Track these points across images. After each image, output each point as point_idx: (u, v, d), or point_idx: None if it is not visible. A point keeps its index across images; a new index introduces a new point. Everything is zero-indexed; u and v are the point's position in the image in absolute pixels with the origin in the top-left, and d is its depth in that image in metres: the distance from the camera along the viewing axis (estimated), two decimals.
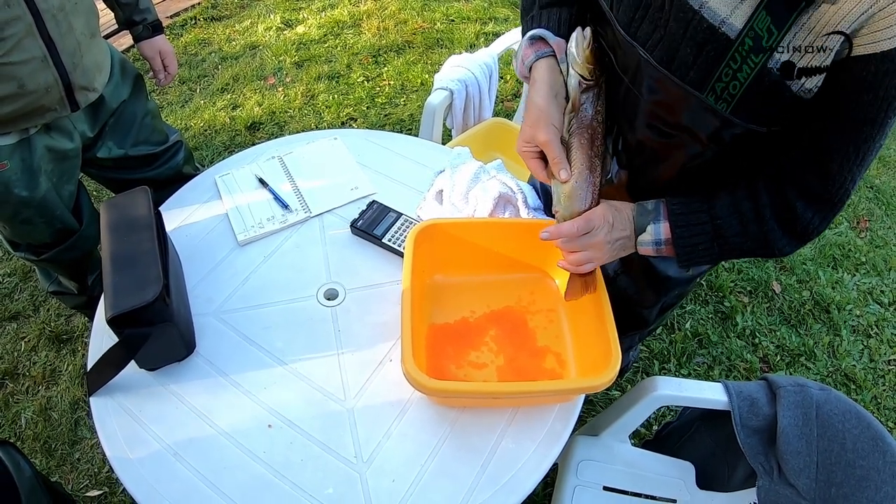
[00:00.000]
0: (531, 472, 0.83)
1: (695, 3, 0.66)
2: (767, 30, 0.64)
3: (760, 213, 0.75)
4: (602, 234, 0.80)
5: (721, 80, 0.69)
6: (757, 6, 0.63)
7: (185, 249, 1.07)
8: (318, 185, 1.20)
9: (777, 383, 1.00)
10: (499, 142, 1.87)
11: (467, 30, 3.07)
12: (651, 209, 0.81)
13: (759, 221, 0.76)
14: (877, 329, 1.92)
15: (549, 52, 0.81)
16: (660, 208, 0.80)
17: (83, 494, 1.50)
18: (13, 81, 1.01)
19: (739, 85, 0.68)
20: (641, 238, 0.81)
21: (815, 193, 0.72)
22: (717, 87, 0.69)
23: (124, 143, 1.32)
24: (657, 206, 0.81)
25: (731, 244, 0.78)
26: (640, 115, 0.81)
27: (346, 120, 2.59)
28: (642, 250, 0.83)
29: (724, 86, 0.69)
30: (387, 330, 0.98)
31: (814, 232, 0.76)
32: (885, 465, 0.90)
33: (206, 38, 3.05)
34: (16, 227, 1.23)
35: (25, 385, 1.71)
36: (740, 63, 0.66)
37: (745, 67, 0.66)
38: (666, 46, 0.71)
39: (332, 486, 0.81)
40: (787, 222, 0.75)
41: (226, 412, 0.87)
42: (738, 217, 0.77)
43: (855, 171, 0.69)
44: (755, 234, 0.76)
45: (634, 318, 1.20)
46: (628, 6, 0.73)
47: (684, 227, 0.78)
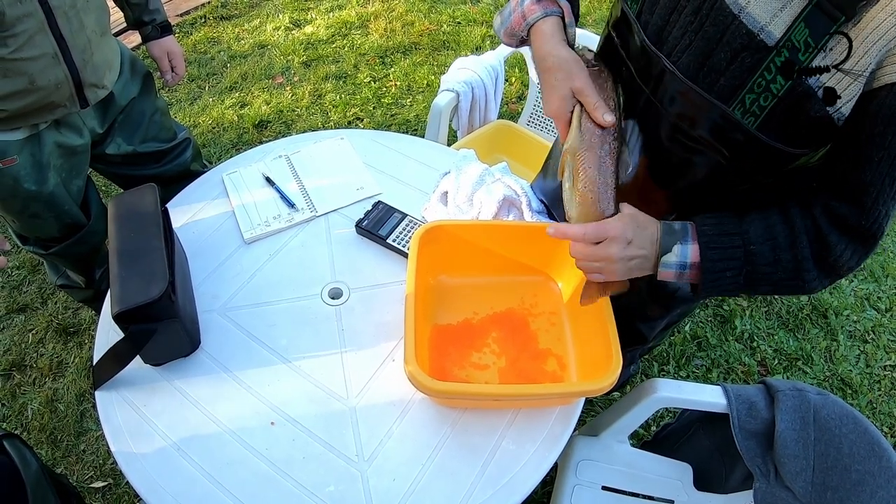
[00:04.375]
0: (531, 473, 0.84)
1: (734, 8, 0.64)
2: (805, 42, 0.62)
3: (796, 241, 0.70)
4: (615, 249, 0.74)
5: (752, 92, 0.67)
6: (797, 17, 0.61)
7: (191, 246, 1.08)
8: (324, 185, 1.21)
9: (775, 387, 1.01)
10: (504, 143, 1.88)
11: (474, 32, 3.08)
12: (678, 229, 0.75)
13: (793, 248, 0.71)
14: (873, 335, 1.92)
15: (558, 12, 0.77)
16: (688, 229, 0.75)
17: (88, 485, 1.51)
18: (24, 77, 1.03)
19: (771, 97, 0.66)
20: (665, 259, 0.74)
21: (849, 225, 0.68)
22: (746, 98, 0.67)
23: (133, 139, 1.34)
24: (685, 226, 0.75)
25: (759, 274, 0.72)
26: (661, 127, 0.78)
27: (352, 120, 2.60)
28: (663, 274, 0.76)
29: (755, 98, 0.67)
30: (390, 330, 0.99)
31: (844, 267, 0.71)
32: (881, 469, 0.91)
33: (215, 37, 3.07)
34: (25, 221, 1.24)
35: (32, 377, 1.73)
36: (774, 75, 0.64)
37: (780, 79, 0.64)
38: (696, 53, 0.69)
39: (334, 484, 0.82)
40: (819, 253, 0.70)
41: (229, 408, 0.89)
42: (772, 244, 0.71)
43: (890, 205, 0.66)
44: (787, 263, 0.71)
45: (633, 333, 1.17)
46: (661, 11, 0.71)
47: (715, 251, 0.72)
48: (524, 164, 1.85)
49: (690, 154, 0.78)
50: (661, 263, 0.75)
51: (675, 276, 0.75)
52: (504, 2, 3.36)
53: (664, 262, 0.75)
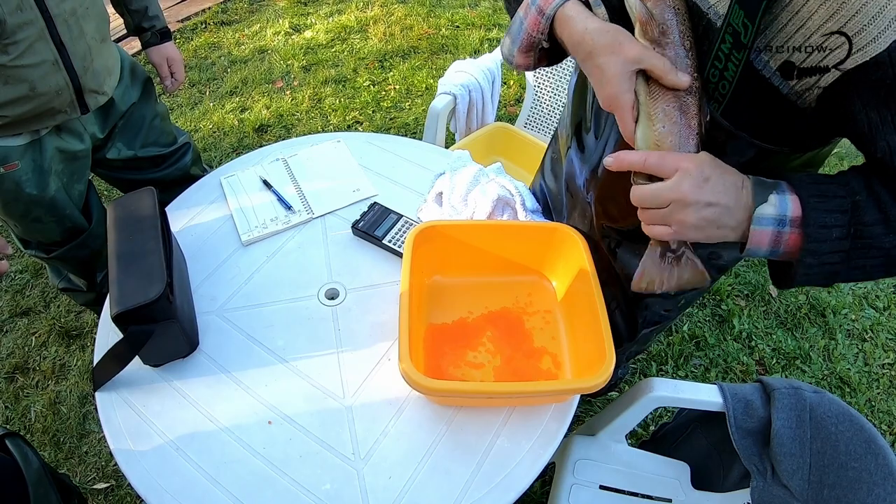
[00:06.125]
0: (526, 470, 0.84)
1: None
2: (743, 24, 0.58)
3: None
4: (688, 185, 0.60)
5: (710, 80, 0.64)
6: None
7: (190, 249, 1.10)
8: (320, 187, 1.22)
9: (771, 385, 1.01)
10: (501, 145, 1.89)
11: (472, 36, 3.10)
12: (770, 182, 0.62)
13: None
14: (871, 333, 1.92)
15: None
16: (781, 183, 0.62)
17: (90, 487, 1.53)
18: (25, 84, 1.04)
19: (728, 85, 0.62)
20: (760, 211, 0.60)
21: None
22: (708, 86, 0.65)
23: (134, 144, 1.35)
24: (776, 181, 0.63)
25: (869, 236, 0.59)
26: None
27: (352, 123, 2.62)
28: (756, 236, 0.61)
29: (714, 86, 0.64)
30: (386, 330, 0.99)
31: None
32: (878, 467, 0.91)
33: (215, 42, 3.09)
34: (27, 226, 1.26)
35: (35, 379, 1.75)
36: (725, 61, 0.61)
37: (731, 66, 0.61)
38: None
39: (330, 483, 0.82)
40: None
41: (227, 408, 0.89)
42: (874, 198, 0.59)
43: None
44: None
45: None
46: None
47: (819, 199, 0.59)
48: (521, 166, 1.86)
49: None
50: (755, 219, 0.61)
51: (772, 240, 0.61)
52: (504, 8, 3.38)
53: (759, 215, 0.60)
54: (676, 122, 0.62)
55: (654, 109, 0.63)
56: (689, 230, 0.62)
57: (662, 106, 0.62)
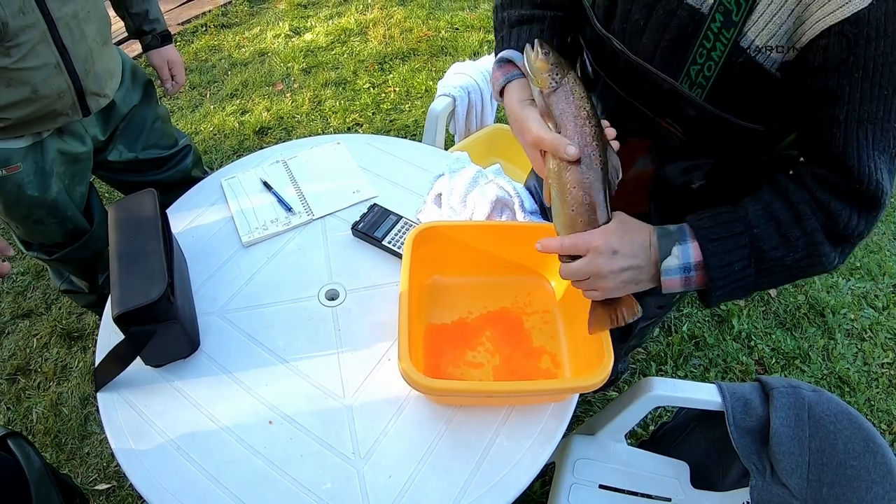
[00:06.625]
0: (525, 469, 0.85)
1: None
2: (736, 2, 0.61)
3: (799, 214, 0.65)
4: (602, 261, 0.69)
5: (696, 63, 0.66)
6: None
7: (191, 250, 1.10)
8: (320, 189, 1.23)
9: (770, 384, 1.01)
10: (500, 147, 1.90)
11: (471, 38, 3.11)
12: (674, 230, 0.70)
13: (799, 223, 0.65)
14: (870, 333, 1.93)
15: (518, 74, 0.79)
16: (684, 230, 0.70)
17: (92, 488, 1.53)
18: (27, 86, 1.05)
19: (714, 66, 0.65)
20: (666, 264, 0.68)
21: (845, 190, 0.64)
22: (692, 70, 0.67)
23: (135, 146, 1.36)
24: (681, 227, 0.70)
25: (770, 259, 0.67)
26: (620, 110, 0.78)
27: (351, 125, 2.63)
28: (668, 283, 0.70)
29: (699, 69, 0.66)
30: (386, 330, 1.00)
31: (855, 234, 0.66)
32: (876, 465, 0.91)
33: (216, 45, 3.11)
34: (28, 227, 1.26)
35: (37, 381, 1.75)
36: (713, 41, 0.64)
37: (719, 45, 0.63)
38: (639, 30, 0.69)
39: (331, 482, 0.83)
40: (825, 223, 0.65)
41: (228, 408, 0.90)
42: (775, 224, 0.66)
43: (875, 157, 0.61)
44: (797, 240, 0.66)
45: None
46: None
47: (717, 242, 0.67)
48: (520, 167, 1.87)
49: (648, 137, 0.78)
50: (663, 270, 0.69)
51: (682, 283, 0.69)
52: None
53: (665, 267, 0.69)
54: (582, 202, 0.71)
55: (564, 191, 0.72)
56: (612, 292, 0.72)
57: (570, 189, 0.71)
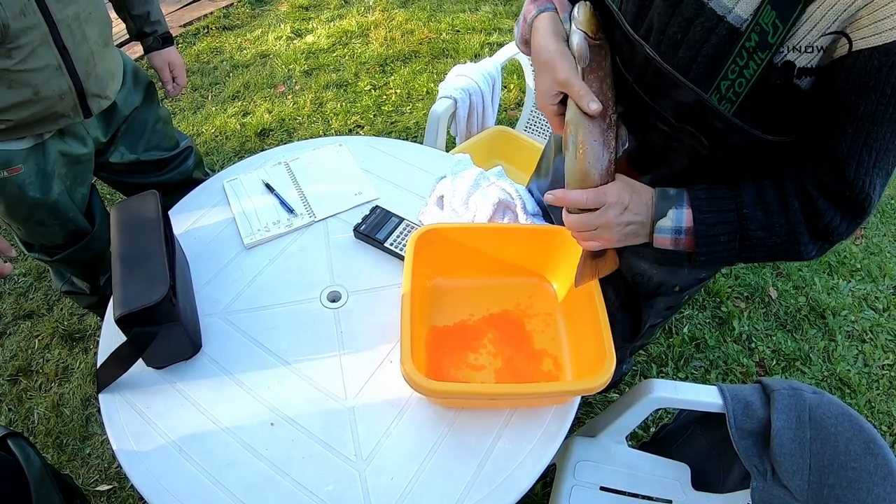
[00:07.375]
0: (527, 472, 0.85)
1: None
2: (773, 24, 0.63)
3: (787, 204, 0.71)
4: (612, 214, 0.74)
5: (727, 78, 0.67)
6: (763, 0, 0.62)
7: (193, 252, 1.10)
8: (322, 191, 1.23)
9: (771, 386, 1.01)
10: (501, 149, 1.90)
11: (472, 40, 3.11)
12: (673, 195, 0.76)
13: (785, 212, 0.71)
14: (871, 334, 1.93)
15: (552, 7, 0.79)
16: (682, 195, 0.76)
17: (93, 489, 1.53)
18: (28, 88, 1.05)
19: (746, 82, 0.67)
20: (660, 224, 0.75)
21: (836, 194, 0.69)
22: (722, 85, 0.68)
23: (136, 148, 1.36)
24: (680, 192, 0.76)
25: (754, 238, 0.73)
26: (643, 115, 0.79)
27: (353, 127, 2.63)
28: (658, 239, 0.77)
29: (730, 84, 0.68)
30: (388, 332, 1.00)
31: (835, 234, 0.72)
32: (877, 467, 0.91)
33: (218, 47, 3.11)
34: (30, 229, 1.26)
35: (38, 382, 1.75)
36: (747, 59, 0.65)
37: (752, 64, 0.65)
38: (672, 40, 0.70)
39: (332, 483, 0.83)
40: (810, 218, 0.71)
41: (230, 410, 0.90)
42: (764, 208, 0.72)
43: (873, 173, 0.66)
44: (781, 227, 0.72)
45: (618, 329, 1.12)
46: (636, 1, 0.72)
47: (708, 214, 0.73)
48: (521, 169, 1.87)
49: (670, 141, 0.79)
50: (657, 229, 0.76)
51: (671, 242, 0.76)
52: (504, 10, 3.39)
53: (659, 227, 0.75)
54: (599, 157, 0.75)
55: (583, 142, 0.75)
56: (612, 243, 0.78)
57: (590, 140, 0.74)
